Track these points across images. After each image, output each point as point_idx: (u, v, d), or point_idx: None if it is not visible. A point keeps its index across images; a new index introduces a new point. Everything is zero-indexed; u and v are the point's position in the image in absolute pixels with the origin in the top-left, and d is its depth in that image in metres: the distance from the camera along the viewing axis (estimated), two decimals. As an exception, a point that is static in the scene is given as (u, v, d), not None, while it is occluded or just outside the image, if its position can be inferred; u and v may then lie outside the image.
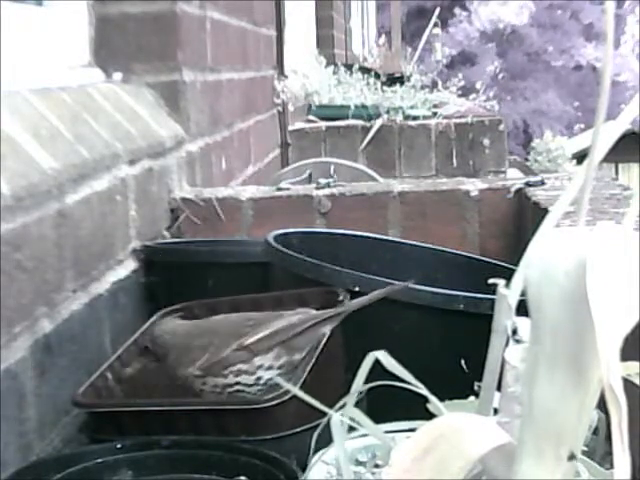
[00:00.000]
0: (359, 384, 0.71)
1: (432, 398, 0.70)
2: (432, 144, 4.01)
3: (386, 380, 0.75)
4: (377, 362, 0.73)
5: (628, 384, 0.68)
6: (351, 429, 0.77)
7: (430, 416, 0.63)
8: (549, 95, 18.89)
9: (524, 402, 0.53)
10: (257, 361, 1.27)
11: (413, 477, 0.51)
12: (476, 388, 0.77)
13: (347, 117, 4.22)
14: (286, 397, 1.19)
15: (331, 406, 1.28)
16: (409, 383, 0.71)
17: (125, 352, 1.41)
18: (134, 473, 1.17)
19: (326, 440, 1.10)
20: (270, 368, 1.27)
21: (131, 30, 2.11)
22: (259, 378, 1.27)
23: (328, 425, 0.77)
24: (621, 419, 0.47)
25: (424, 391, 0.77)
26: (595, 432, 0.92)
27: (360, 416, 0.75)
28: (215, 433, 1.22)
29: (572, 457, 0.52)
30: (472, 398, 0.96)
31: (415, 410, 0.76)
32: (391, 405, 0.93)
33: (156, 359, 1.34)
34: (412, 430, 0.57)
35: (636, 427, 0.57)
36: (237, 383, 1.27)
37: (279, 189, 2.14)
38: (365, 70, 5.34)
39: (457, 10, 18.64)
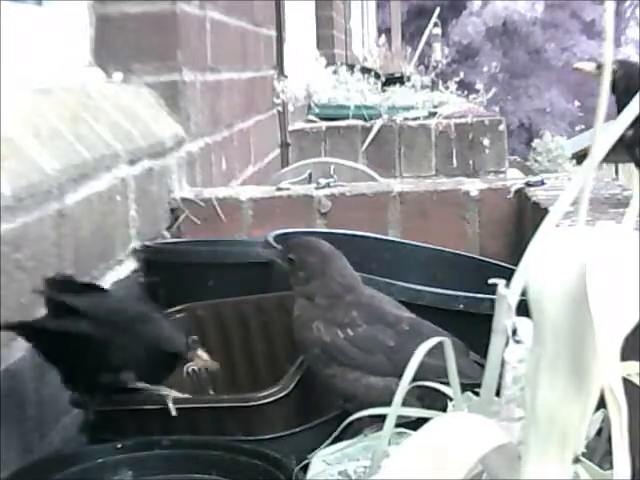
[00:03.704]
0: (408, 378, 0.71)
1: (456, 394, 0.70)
2: (432, 144, 4.01)
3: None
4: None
5: (628, 384, 0.68)
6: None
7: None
8: (552, 93, 18.89)
9: (527, 405, 0.53)
10: None
11: (413, 477, 0.51)
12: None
13: (347, 117, 4.22)
14: (281, 394, 1.20)
15: (328, 406, 1.28)
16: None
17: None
18: (134, 473, 1.17)
19: (326, 440, 1.11)
20: None
21: (131, 30, 2.10)
22: None
23: (328, 425, 0.77)
24: (621, 420, 0.47)
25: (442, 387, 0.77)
26: (599, 432, 0.91)
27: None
28: (213, 431, 1.22)
29: (577, 460, 0.52)
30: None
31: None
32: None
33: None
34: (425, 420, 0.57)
35: (636, 427, 0.57)
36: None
37: (279, 189, 2.14)
38: (365, 70, 5.34)
39: (463, 4, 18.68)
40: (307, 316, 1.24)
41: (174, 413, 1.22)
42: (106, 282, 1.61)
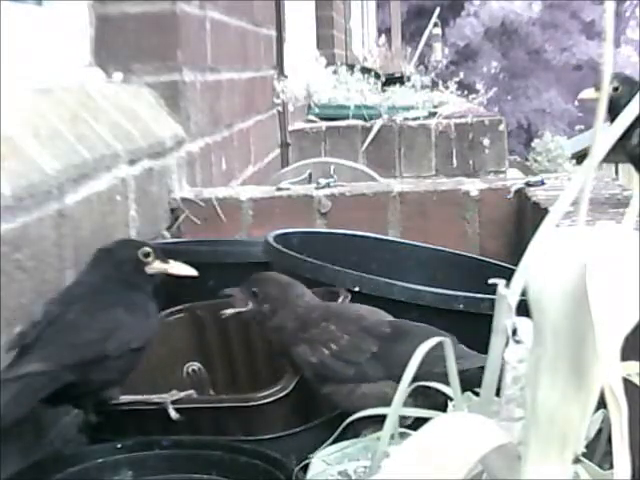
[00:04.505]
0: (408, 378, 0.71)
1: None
2: (432, 144, 4.01)
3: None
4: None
5: (628, 384, 0.68)
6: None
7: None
8: (551, 94, 18.89)
9: (527, 405, 0.53)
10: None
11: (413, 477, 0.51)
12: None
13: (347, 117, 4.22)
14: (281, 394, 1.20)
15: (328, 406, 1.27)
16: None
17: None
18: (134, 473, 1.17)
19: (326, 440, 1.11)
20: None
21: (131, 30, 2.11)
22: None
23: (328, 425, 0.77)
24: (621, 420, 0.47)
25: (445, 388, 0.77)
26: (599, 432, 0.91)
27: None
28: (213, 431, 1.22)
29: (577, 460, 0.52)
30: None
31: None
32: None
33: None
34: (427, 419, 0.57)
35: (636, 427, 0.57)
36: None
37: (279, 189, 2.14)
38: (365, 70, 5.34)
39: (463, 5, 18.69)
40: (287, 344, 1.26)
41: (175, 417, 1.22)
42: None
